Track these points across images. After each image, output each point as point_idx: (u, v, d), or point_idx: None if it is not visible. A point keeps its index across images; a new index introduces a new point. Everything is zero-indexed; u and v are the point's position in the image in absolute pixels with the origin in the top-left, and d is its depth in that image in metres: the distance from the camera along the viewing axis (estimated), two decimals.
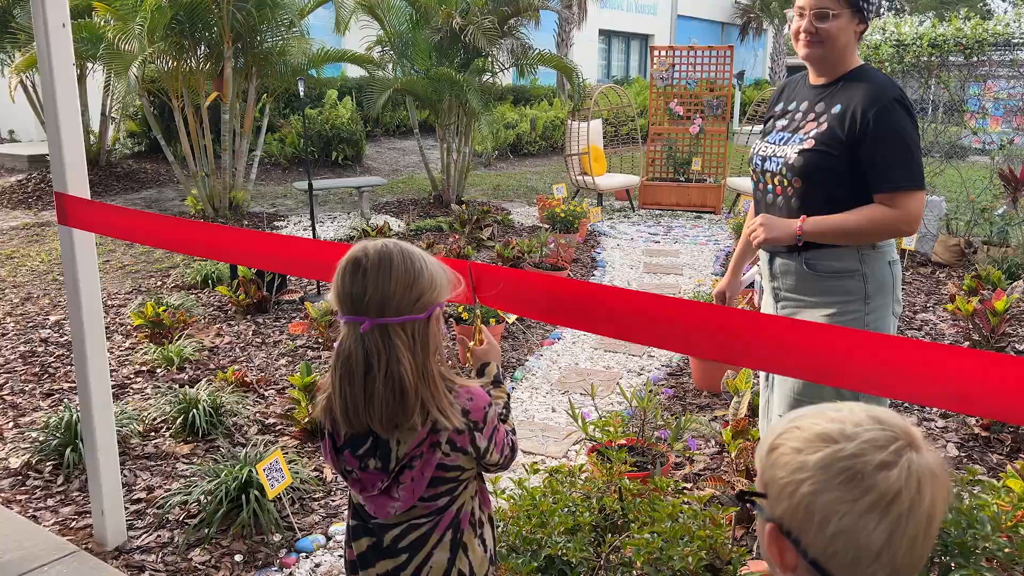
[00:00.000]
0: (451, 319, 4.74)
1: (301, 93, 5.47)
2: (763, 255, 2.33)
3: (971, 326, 4.84)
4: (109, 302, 5.65)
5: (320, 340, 4.87)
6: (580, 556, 1.94)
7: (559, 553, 1.95)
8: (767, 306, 2.34)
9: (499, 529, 2.18)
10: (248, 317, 5.37)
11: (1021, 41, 6.83)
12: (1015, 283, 5.41)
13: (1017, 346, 4.83)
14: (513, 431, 1.60)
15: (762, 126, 2.42)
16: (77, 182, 2.55)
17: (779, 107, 2.36)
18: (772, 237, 2.10)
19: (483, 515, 1.59)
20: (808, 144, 2.13)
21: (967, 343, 4.86)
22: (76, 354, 2.70)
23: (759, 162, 2.30)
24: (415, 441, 1.44)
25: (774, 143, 2.26)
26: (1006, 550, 1.97)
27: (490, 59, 9.24)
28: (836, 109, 2.12)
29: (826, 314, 2.12)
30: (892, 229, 2.07)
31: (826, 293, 2.13)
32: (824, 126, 2.12)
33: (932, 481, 0.85)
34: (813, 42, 2.13)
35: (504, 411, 1.61)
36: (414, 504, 1.49)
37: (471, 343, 1.68)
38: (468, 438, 1.46)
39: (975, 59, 7.07)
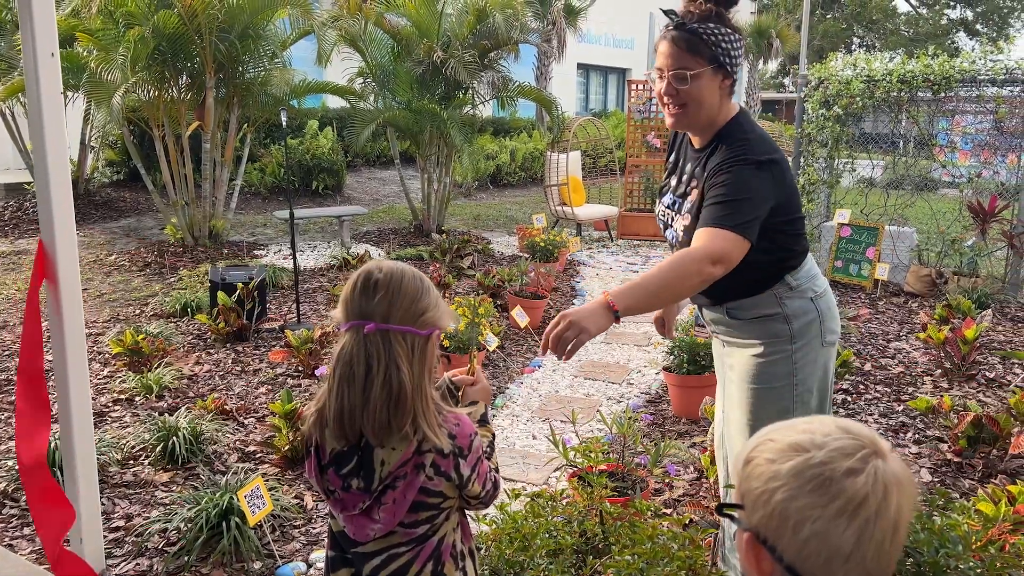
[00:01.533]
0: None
1: (284, 123, 5.52)
2: (695, 306, 2.34)
3: (943, 354, 4.95)
4: (87, 330, 5.60)
5: (300, 368, 4.87)
6: None
7: (542, 575, 1.97)
8: (715, 343, 2.39)
9: (481, 552, 2.19)
10: (228, 345, 5.36)
11: (987, 78, 7.05)
12: (984, 312, 5.54)
13: (987, 374, 4.93)
14: (496, 469, 1.62)
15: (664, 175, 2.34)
16: (63, 212, 2.56)
17: (672, 158, 2.30)
18: (595, 332, 1.78)
19: (464, 548, 1.60)
20: (687, 220, 2.09)
21: (939, 371, 4.96)
22: (58, 381, 2.69)
23: (662, 226, 2.27)
24: (400, 460, 1.45)
25: (669, 208, 2.21)
26: (977, 571, 2.02)
27: (471, 91, 9.37)
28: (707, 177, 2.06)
29: (755, 353, 2.13)
30: (695, 271, 1.87)
31: (754, 335, 2.14)
32: (700, 197, 2.07)
33: (898, 487, 0.90)
34: (676, 105, 2.02)
35: (488, 449, 1.63)
36: (394, 530, 1.49)
37: (465, 374, 1.72)
38: (452, 463, 1.48)
39: (943, 95, 7.27)
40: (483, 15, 8.95)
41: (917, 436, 4.02)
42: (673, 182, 2.23)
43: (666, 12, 2.02)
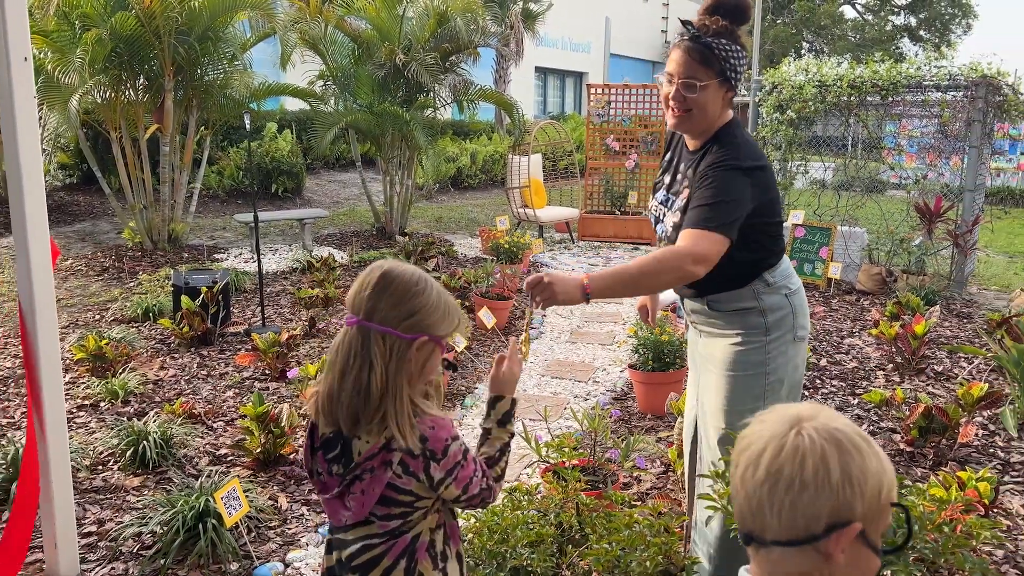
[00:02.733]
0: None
1: (247, 126, 5.50)
2: (677, 296, 2.47)
3: (894, 349, 5.14)
4: None
5: (267, 371, 4.87)
6: (544, 566, 2.03)
7: (524, 564, 2.04)
8: (690, 333, 2.50)
9: (463, 544, 2.25)
10: (192, 350, 5.33)
11: (931, 83, 7.32)
12: (932, 308, 5.76)
13: (936, 367, 5.14)
14: (499, 476, 1.62)
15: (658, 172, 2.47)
16: (35, 214, 2.56)
17: (668, 156, 2.42)
18: (561, 300, 1.95)
19: (448, 550, 1.59)
20: (677, 218, 2.21)
21: (891, 365, 5.15)
22: (30, 387, 2.68)
23: (653, 221, 2.40)
24: (368, 453, 1.48)
25: (662, 204, 2.34)
26: (932, 549, 2.14)
27: (432, 94, 9.41)
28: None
29: (732, 343, 2.26)
30: (675, 268, 2.02)
31: (732, 326, 2.27)
32: (689, 196, 2.19)
33: (785, 446, 1.05)
34: (682, 110, 2.15)
35: (498, 453, 1.63)
36: (371, 520, 1.52)
37: (518, 346, 1.75)
38: (422, 465, 1.48)
39: (891, 99, 7.53)
40: (444, 19, 9.00)
41: (872, 428, 4.19)
42: (667, 179, 2.36)
43: (684, 22, 2.16)
